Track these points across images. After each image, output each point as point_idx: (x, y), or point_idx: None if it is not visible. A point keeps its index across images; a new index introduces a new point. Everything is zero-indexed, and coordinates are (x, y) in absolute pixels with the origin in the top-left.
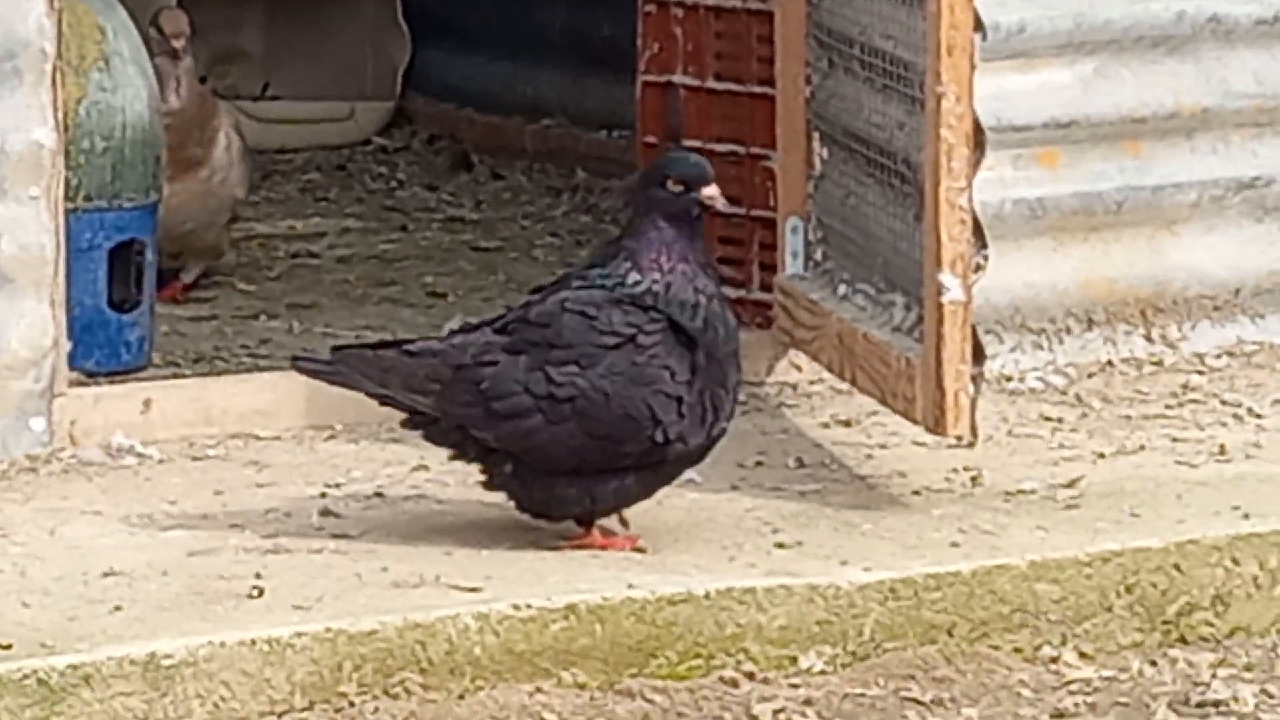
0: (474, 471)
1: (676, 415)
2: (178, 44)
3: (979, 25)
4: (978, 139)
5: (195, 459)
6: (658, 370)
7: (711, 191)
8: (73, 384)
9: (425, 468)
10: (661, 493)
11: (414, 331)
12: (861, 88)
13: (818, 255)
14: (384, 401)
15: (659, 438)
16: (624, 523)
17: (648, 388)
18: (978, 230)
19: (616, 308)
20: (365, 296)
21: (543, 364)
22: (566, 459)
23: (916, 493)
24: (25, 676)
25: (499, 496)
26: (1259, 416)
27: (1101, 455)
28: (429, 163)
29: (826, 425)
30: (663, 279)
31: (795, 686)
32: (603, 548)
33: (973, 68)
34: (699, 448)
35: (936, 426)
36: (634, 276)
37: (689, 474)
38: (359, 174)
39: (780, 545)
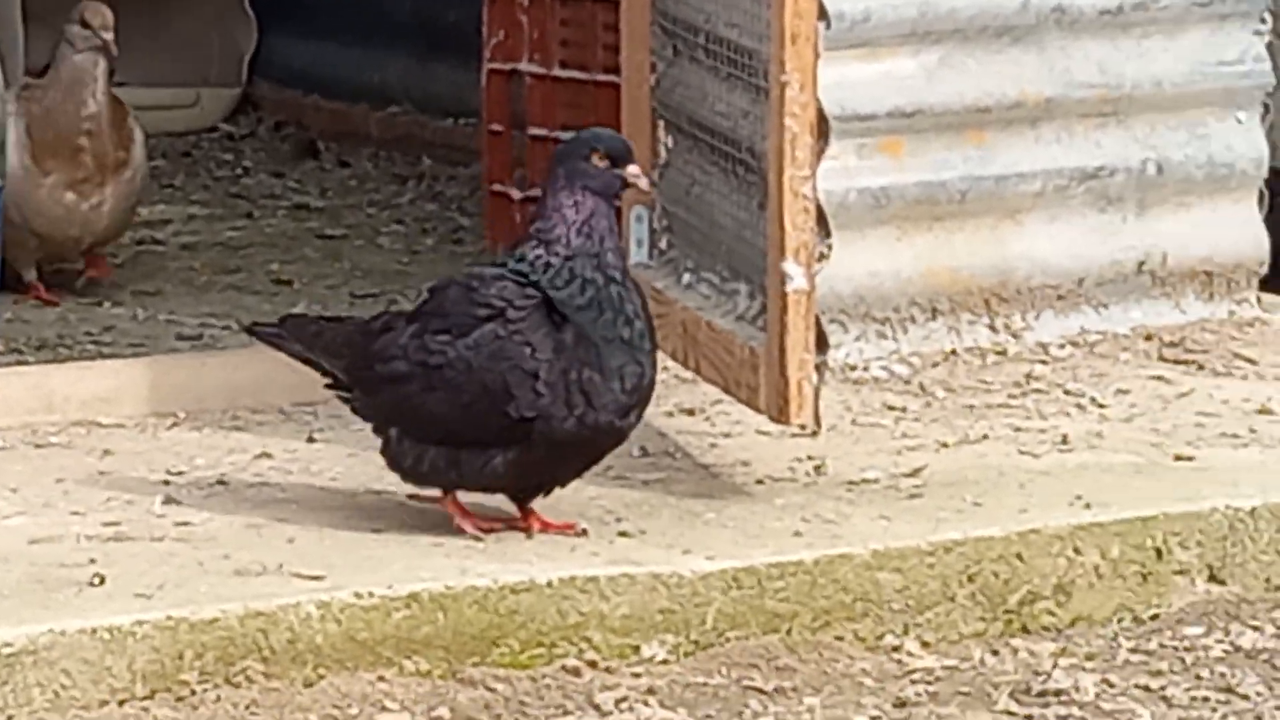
0: (317, 459)
1: (532, 392)
2: (107, 35)
3: (823, 14)
4: (822, 128)
5: (37, 446)
6: (518, 346)
7: (635, 170)
8: None
9: (269, 455)
10: None
11: (258, 319)
12: (706, 76)
13: (662, 243)
14: (311, 366)
15: (513, 413)
16: (524, 512)
17: (507, 362)
18: (821, 219)
19: (497, 281)
20: (210, 284)
21: (424, 332)
22: (435, 427)
23: (760, 482)
24: None
25: (342, 484)
26: (1102, 406)
27: (945, 444)
28: (275, 149)
29: (670, 414)
30: (563, 254)
31: (638, 675)
32: (462, 519)
33: (817, 56)
34: (571, 434)
35: (780, 415)
36: (536, 252)
37: None
38: (204, 160)
39: (623, 534)
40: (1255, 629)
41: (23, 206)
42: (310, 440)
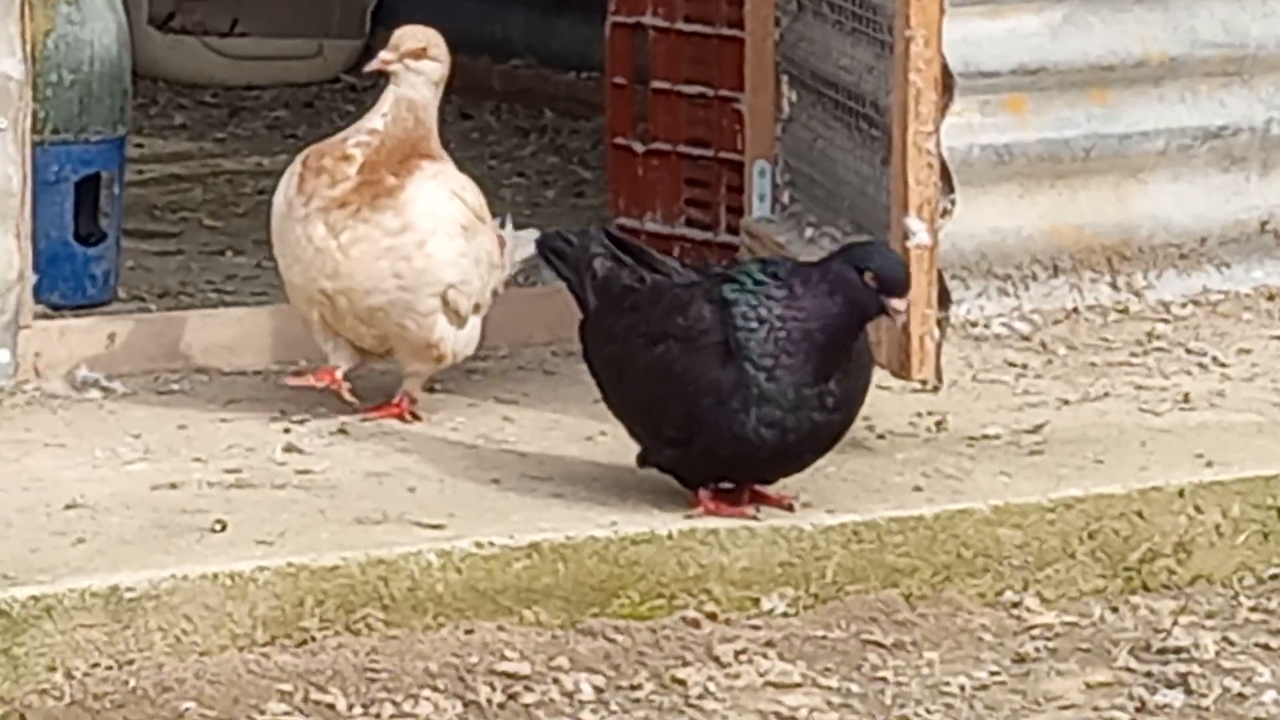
0: (438, 408)
1: (684, 417)
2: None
3: None
4: (946, 84)
5: (160, 393)
6: (683, 371)
7: (900, 306)
8: (37, 316)
9: None
10: (624, 435)
11: None
12: (830, 31)
13: (785, 198)
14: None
15: (666, 430)
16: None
17: (672, 382)
18: (945, 175)
19: (700, 303)
20: None
21: (631, 327)
22: (618, 410)
23: (881, 436)
24: None
25: (462, 434)
26: (1223, 365)
27: (1066, 402)
28: None
29: None
30: (783, 328)
31: (756, 628)
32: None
33: (942, 12)
34: (721, 454)
35: (902, 370)
36: (773, 308)
37: None
38: (327, 111)
39: None
40: None
41: None
42: (430, 390)
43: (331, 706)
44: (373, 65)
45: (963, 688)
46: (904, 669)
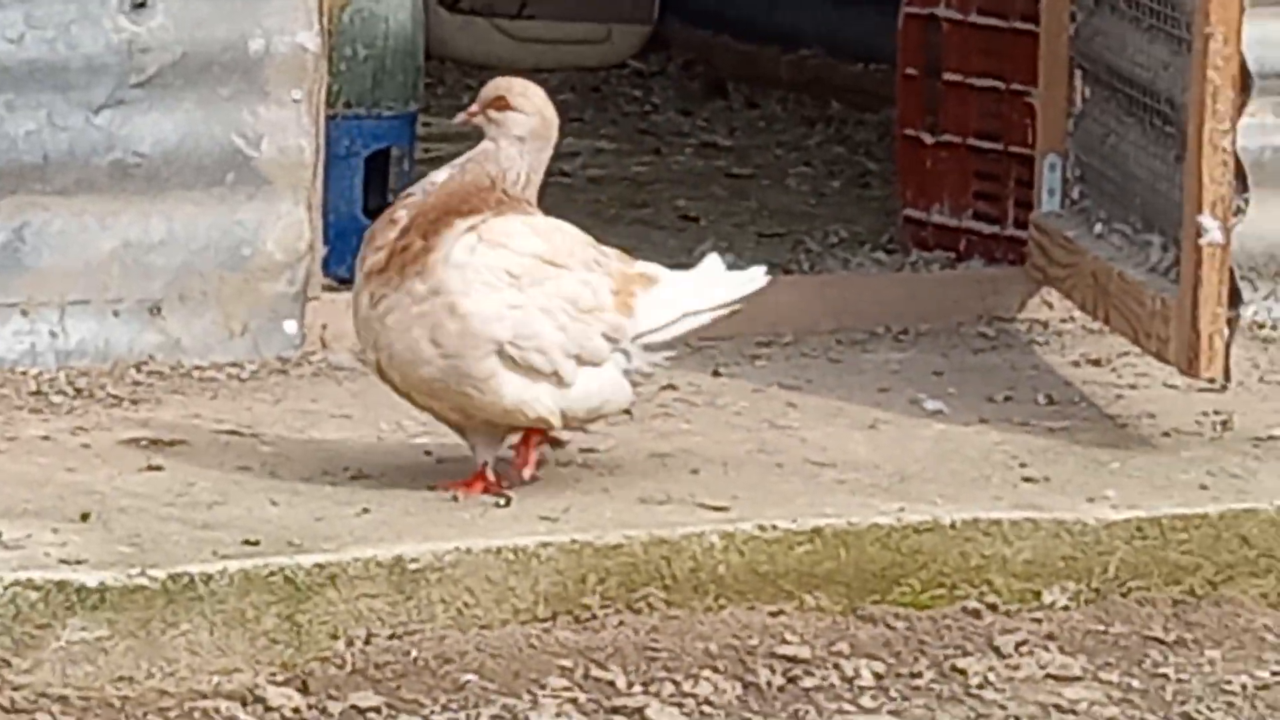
0: (722, 393)
1: None
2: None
3: None
4: (1243, 82)
5: None
6: None
7: None
8: (325, 289)
9: (674, 387)
10: (908, 423)
11: (664, 255)
12: (1127, 26)
13: (1075, 193)
14: None
15: None
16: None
17: None
18: (1239, 173)
19: None
20: (617, 217)
21: None
22: None
23: (1166, 434)
24: (273, 574)
25: (745, 419)
26: None
27: None
28: (684, 88)
29: (1077, 364)
30: None
31: (1038, 621)
32: None
33: (1242, 10)
34: None
35: (1189, 368)
36: None
37: (935, 404)
38: (613, 96)
39: (1028, 479)
40: None
41: None
42: (715, 374)
43: (611, 684)
44: (460, 118)
45: (1244, 686)
46: (1185, 666)
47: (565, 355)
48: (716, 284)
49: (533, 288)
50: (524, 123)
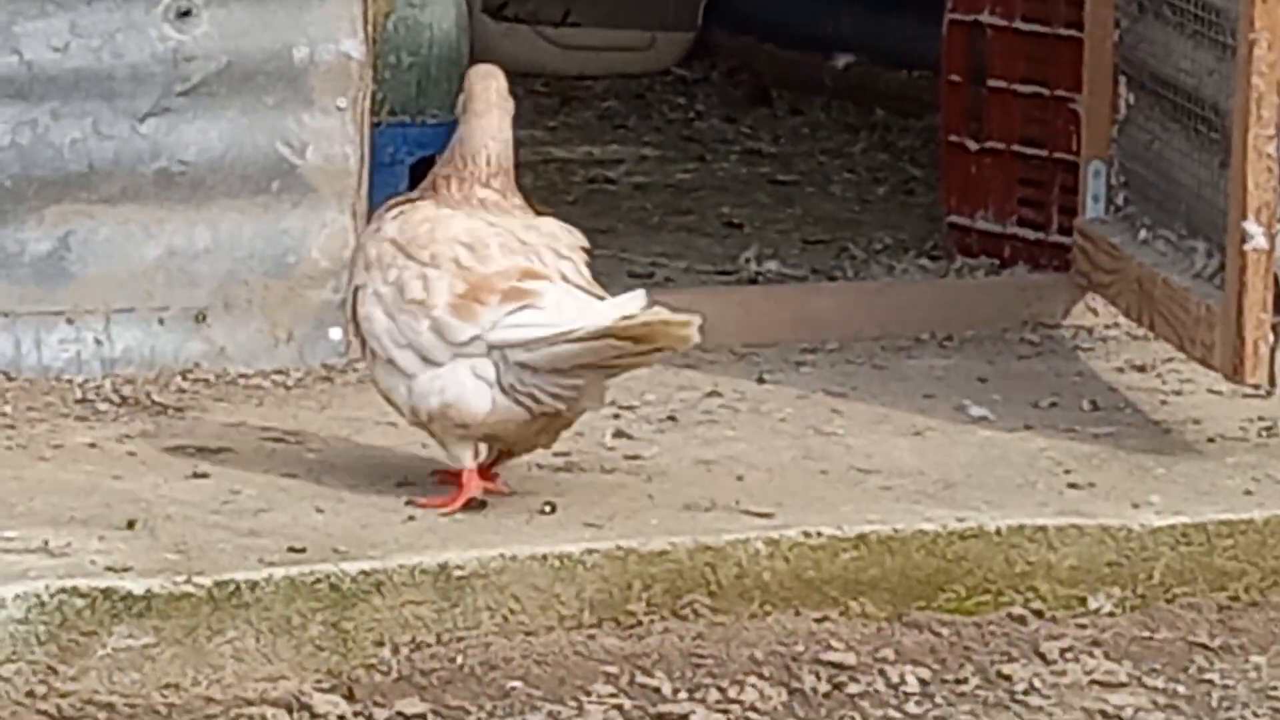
0: (766, 399)
1: None
2: None
3: None
4: None
5: None
6: None
7: None
8: None
9: (718, 394)
10: (953, 429)
11: (709, 261)
12: (1171, 33)
13: (1119, 199)
14: None
15: None
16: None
17: None
18: None
19: None
20: (661, 224)
21: None
22: None
23: (1211, 440)
24: (318, 581)
25: (790, 425)
26: None
27: None
28: (727, 95)
29: (1121, 370)
30: None
31: (1083, 627)
32: None
33: None
34: None
35: (1235, 374)
36: None
37: (980, 410)
38: (657, 103)
39: (1073, 485)
40: None
41: None
42: (760, 381)
43: (657, 690)
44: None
45: None
46: (1230, 672)
47: (396, 345)
48: (597, 311)
49: (376, 272)
50: (461, 100)
